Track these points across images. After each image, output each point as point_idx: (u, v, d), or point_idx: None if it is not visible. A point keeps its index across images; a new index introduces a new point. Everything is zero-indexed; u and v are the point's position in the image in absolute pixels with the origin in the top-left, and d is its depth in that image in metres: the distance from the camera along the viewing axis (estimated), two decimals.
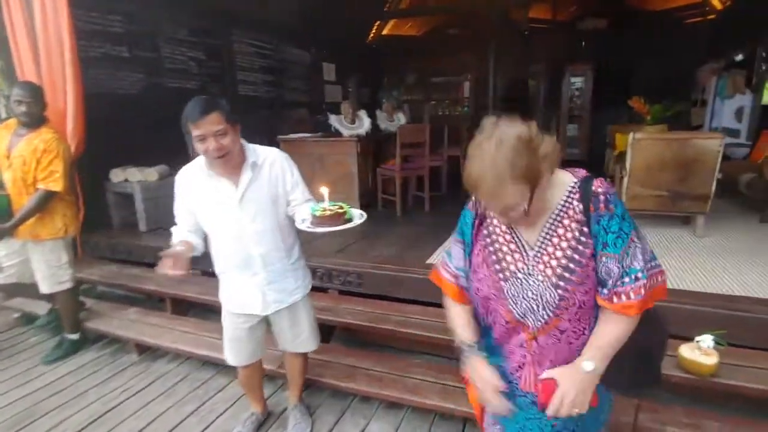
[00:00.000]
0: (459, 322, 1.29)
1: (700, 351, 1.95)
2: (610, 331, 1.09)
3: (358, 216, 1.66)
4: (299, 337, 2.01)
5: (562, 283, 1.07)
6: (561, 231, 1.09)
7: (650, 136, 3.34)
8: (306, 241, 2.02)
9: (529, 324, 1.13)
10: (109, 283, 3.52)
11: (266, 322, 1.98)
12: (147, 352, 2.96)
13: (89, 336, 3.07)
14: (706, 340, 1.95)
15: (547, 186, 1.04)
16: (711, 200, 3.33)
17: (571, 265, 1.07)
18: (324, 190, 1.64)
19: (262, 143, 1.77)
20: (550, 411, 1.10)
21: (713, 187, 3.28)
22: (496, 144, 0.96)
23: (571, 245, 1.07)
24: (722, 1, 7.04)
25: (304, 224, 1.64)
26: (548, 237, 1.10)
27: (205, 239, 1.79)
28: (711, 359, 1.91)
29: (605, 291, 1.06)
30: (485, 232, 1.20)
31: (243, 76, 5.95)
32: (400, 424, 2.25)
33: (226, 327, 1.95)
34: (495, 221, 1.19)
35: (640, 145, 3.33)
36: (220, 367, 2.75)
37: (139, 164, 4.16)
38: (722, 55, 6.43)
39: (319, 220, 1.59)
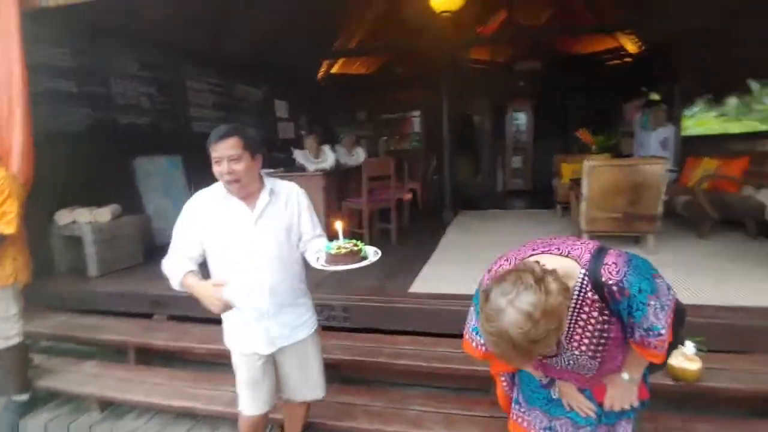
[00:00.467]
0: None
1: (684, 357, 2.08)
2: (641, 357, 1.19)
3: (373, 253, 1.61)
4: (308, 382, 1.90)
5: (598, 355, 1.17)
6: (583, 319, 1.14)
7: (604, 163, 3.64)
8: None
9: (578, 383, 1.31)
10: (60, 336, 3.16)
11: (274, 363, 1.86)
12: (110, 408, 2.66)
13: (39, 395, 2.72)
14: (689, 347, 2.08)
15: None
16: (660, 220, 3.64)
17: (602, 341, 1.15)
18: (338, 225, 1.61)
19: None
20: (605, 407, 1.30)
21: (660, 208, 3.60)
22: (508, 335, 0.96)
23: (596, 329, 1.14)
24: (636, 47, 7.95)
25: (319, 262, 1.60)
26: (572, 327, 1.15)
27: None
28: (695, 365, 2.05)
29: (633, 339, 1.14)
30: None
31: (196, 112, 5.80)
32: None
33: (241, 371, 1.82)
34: None
35: (595, 172, 3.60)
36: (197, 419, 2.54)
37: (87, 204, 3.87)
38: (641, 93, 7.22)
39: (334, 258, 1.54)
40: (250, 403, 1.84)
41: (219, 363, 2.79)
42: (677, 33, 5.91)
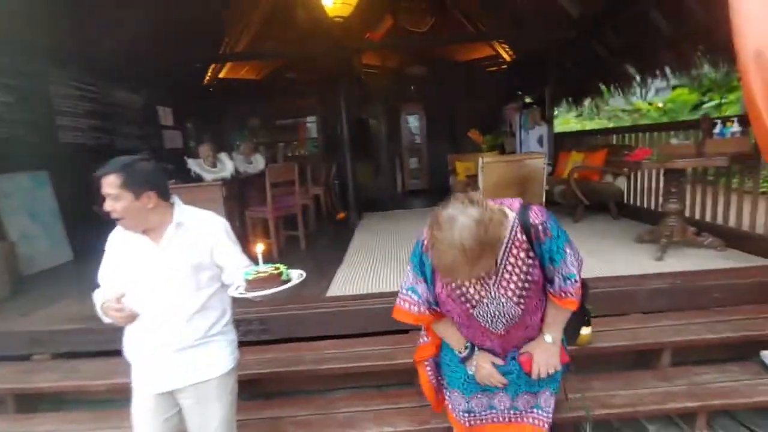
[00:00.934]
0: (450, 335, 1.50)
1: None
2: (560, 314, 1.40)
3: (297, 276, 1.51)
4: (206, 430, 1.68)
5: (522, 300, 1.30)
6: (512, 260, 1.28)
7: (495, 160, 3.98)
8: None
9: (500, 330, 1.38)
10: None
11: (176, 407, 1.68)
12: None
13: None
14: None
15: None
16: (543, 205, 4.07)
17: (527, 285, 1.29)
18: (259, 249, 1.50)
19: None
20: (533, 375, 1.42)
21: (543, 197, 4.04)
22: (459, 239, 1.07)
23: (522, 270, 1.28)
24: (510, 55, 8.82)
25: (237, 290, 1.48)
26: (503, 266, 1.28)
27: None
28: (587, 330, 2.33)
29: (553, 289, 1.32)
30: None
31: (63, 121, 5.11)
32: None
33: (132, 410, 1.68)
34: None
35: (488, 168, 3.92)
36: None
37: None
38: (518, 96, 8.03)
39: (253, 285, 1.42)
40: None
41: (119, 399, 2.50)
42: (542, 44, 6.67)
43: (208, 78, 8.82)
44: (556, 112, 15.14)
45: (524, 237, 1.26)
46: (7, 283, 3.64)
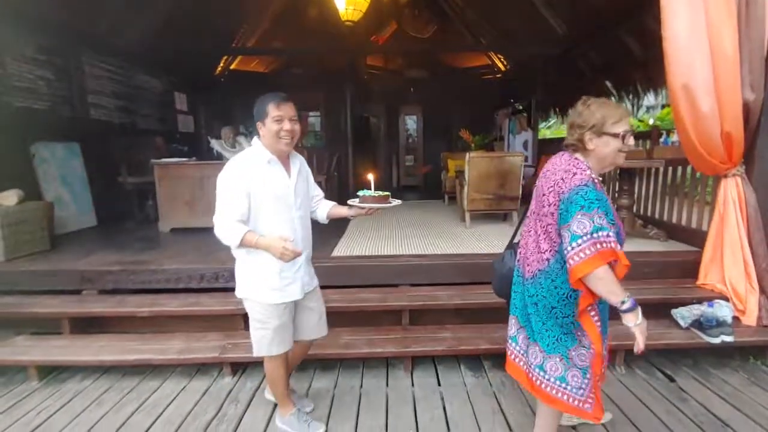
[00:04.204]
0: (617, 282, 1.49)
1: None
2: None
3: (396, 201, 2.03)
4: (322, 318, 2.21)
5: None
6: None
7: (480, 155, 4.58)
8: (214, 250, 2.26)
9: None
10: None
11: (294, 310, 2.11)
12: (50, 375, 2.78)
13: None
14: None
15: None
16: (520, 200, 4.69)
17: None
18: (371, 177, 2.07)
19: (125, 169, 1.95)
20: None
21: (520, 191, 4.65)
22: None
23: None
24: (504, 66, 9.46)
25: (354, 203, 1.99)
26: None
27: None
28: None
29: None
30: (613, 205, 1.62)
31: (94, 99, 5.63)
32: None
33: (271, 320, 2.00)
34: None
35: (474, 162, 4.52)
36: (145, 374, 2.80)
37: None
38: (509, 103, 8.68)
39: (367, 200, 1.96)
40: (280, 344, 2.05)
41: (160, 327, 3.05)
42: (532, 57, 7.30)
43: (220, 68, 9.36)
44: (548, 123, 15.82)
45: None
46: (47, 238, 4.15)
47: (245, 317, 2.95)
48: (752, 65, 2.78)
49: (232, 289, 3.19)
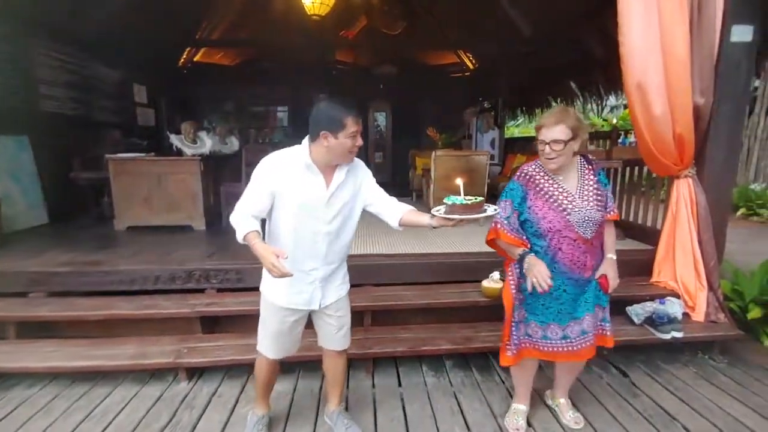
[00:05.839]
0: (516, 247, 1.95)
1: (492, 281, 2.99)
2: (613, 234, 2.07)
3: (493, 210, 1.77)
4: (342, 330, 2.05)
5: (599, 207, 1.91)
6: (586, 180, 1.95)
7: (446, 153, 4.60)
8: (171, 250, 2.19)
9: (588, 236, 1.91)
10: None
11: (308, 317, 2.03)
12: None
13: None
14: (495, 274, 3.01)
15: (571, 154, 1.88)
16: (485, 198, 4.73)
17: (599, 197, 1.93)
18: (460, 182, 1.80)
19: (78, 164, 1.74)
20: (609, 290, 2.00)
21: (485, 189, 4.70)
22: (564, 108, 1.94)
23: (594, 186, 1.95)
24: (473, 64, 9.54)
25: (439, 213, 1.75)
26: (582, 185, 1.94)
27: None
28: (498, 285, 2.95)
29: (608, 209, 1.96)
30: (539, 190, 1.93)
31: (46, 90, 5.34)
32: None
33: (270, 321, 1.95)
34: (543, 183, 1.94)
35: (440, 160, 4.53)
36: (96, 380, 2.69)
37: None
38: (477, 101, 8.76)
39: (463, 209, 1.69)
40: (271, 350, 2.00)
41: (113, 331, 2.92)
42: (499, 56, 7.39)
43: (183, 60, 9.04)
44: (516, 122, 16.08)
45: (589, 165, 1.98)
46: None
47: (201, 320, 2.93)
48: (702, 71, 2.89)
49: (190, 291, 3.12)
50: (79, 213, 5.20)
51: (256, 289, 2.98)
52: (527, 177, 1.97)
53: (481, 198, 1.74)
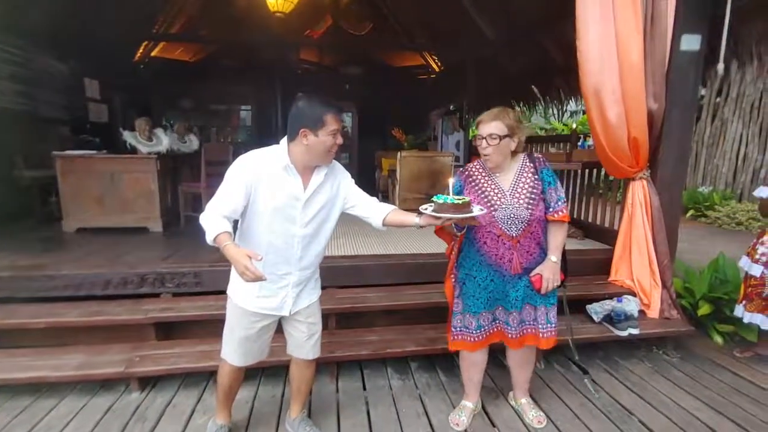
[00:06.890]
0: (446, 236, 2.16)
1: None
2: (559, 235, 2.01)
3: (478, 210, 1.76)
4: (313, 338, 1.99)
5: (530, 206, 1.92)
6: (523, 178, 1.96)
7: (411, 155, 4.60)
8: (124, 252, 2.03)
9: (513, 234, 1.93)
10: None
11: (277, 323, 1.96)
12: None
13: None
14: None
15: (510, 151, 1.93)
16: None
17: (533, 196, 1.93)
18: (450, 182, 1.89)
19: (19, 162, 1.58)
20: (542, 291, 1.96)
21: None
22: (503, 108, 1.95)
23: (529, 185, 1.95)
24: (438, 67, 9.63)
25: (428, 210, 1.72)
26: (517, 182, 1.95)
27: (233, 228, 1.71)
28: None
29: (551, 210, 1.95)
30: (474, 186, 1.99)
31: None
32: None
33: (237, 326, 1.87)
34: (480, 180, 1.99)
35: (405, 161, 4.53)
36: (40, 391, 2.51)
37: None
38: (442, 103, 8.84)
39: (452, 208, 1.68)
40: (237, 356, 1.91)
41: (58, 340, 2.74)
42: (464, 59, 7.48)
43: (139, 55, 8.67)
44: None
45: (532, 164, 1.99)
46: None
47: (156, 326, 2.78)
48: (655, 77, 3.00)
49: (142, 296, 2.97)
50: (25, 214, 4.86)
51: (217, 292, 2.90)
52: (467, 173, 2.06)
53: (469, 198, 1.80)
